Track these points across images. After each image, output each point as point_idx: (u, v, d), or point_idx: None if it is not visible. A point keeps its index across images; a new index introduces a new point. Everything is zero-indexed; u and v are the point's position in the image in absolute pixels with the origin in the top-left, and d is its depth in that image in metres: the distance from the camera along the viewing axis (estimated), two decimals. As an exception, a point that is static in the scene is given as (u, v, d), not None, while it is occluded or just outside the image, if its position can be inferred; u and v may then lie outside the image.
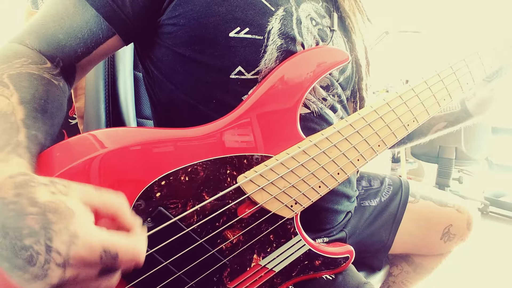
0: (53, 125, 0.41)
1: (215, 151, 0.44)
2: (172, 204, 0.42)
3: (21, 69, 0.39)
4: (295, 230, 0.50)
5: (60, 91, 0.44)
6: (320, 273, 0.54)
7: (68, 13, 0.45)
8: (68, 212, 0.28)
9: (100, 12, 0.46)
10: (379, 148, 0.54)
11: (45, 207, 0.28)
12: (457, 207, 0.79)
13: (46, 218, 0.27)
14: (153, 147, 0.41)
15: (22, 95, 0.37)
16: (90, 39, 0.46)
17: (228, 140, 0.45)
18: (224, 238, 0.45)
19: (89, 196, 0.31)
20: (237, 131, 0.46)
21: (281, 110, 0.48)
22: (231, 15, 0.47)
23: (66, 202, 0.29)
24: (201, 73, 0.50)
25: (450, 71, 0.60)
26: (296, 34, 0.51)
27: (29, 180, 0.29)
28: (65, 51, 0.46)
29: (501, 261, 1.85)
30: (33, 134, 0.36)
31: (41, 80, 0.41)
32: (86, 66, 0.50)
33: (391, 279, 0.91)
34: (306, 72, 0.49)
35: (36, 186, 0.29)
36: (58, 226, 0.27)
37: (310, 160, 0.48)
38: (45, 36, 0.45)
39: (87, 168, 0.38)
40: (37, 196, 0.28)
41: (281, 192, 0.47)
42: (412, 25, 2.64)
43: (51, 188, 0.29)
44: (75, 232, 0.28)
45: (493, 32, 0.69)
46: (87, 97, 0.71)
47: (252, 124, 0.46)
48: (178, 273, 0.42)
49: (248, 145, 0.46)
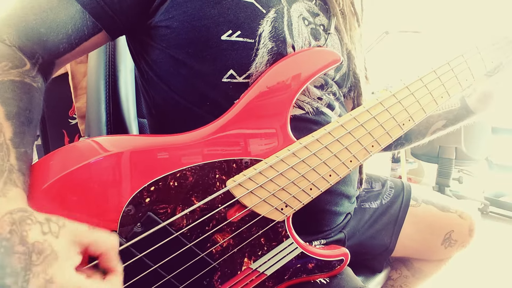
0: (35, 132, 0.41)
1: (205, 156, 0.44)
2: (162, 209, 0.42)
3: (3, 77, 0.38)
4: (286, 233, 0.50)
5: (39, 93, 0.43)
6: (314, 276, 0.54)
7: (52, 7, 0.43)
8: (51, 256, 0.29)
9: (86, 8, 0.44)
10: (373, 148, 0.53)
11: (33, 247, 0.28)
12: (459, 212, 0.78)
13: (29, 259, 0.28)
14: (142, 153, 0.42)
15: (7, 109, 0.36)
16: (74, 35, 0.44)
17: (217, 145, 0.45)
18: (214, 242, 0.45)
19: (81, 236, 0.32)
20: (227, 136, 0.46)
21: (271, 113, 0.48)
22: (223, 18, 0.47)
23: (53, 244, 0.29)
24: (194, 76, 0.50)
25: (447, 67, 0.59)
26: (287, 36, 0.51)
27: (27, 218, 0.30)
28: (46, 47, 0.43)
29: (501, 261, 1.84)
30: (22, 152, 0.36)
31: (23, 88, 0.40)
32: (66, 61, 0.48)
33: (390, 283, 0.90)
34: (295, 75, 0.49)
35: (31, 224, 0.29)
36: (37, 269, 0.28)
37: (301, 163, 0.48)
38: (25, 30, 0.42)
39: (77, 176, 0.38)
40: (28, 235, 0.29)
41: (270, 196, 0.47)
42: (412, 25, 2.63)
43: (44, 228, 0.30)
44: (52, 277, 0.28)
45: (492, 28, 0.69)
46: (88, 97, 0.71)
47: (242, 128, 0.46)
48: (167, 276, 0.42)
49: (238, 149, 0.46)
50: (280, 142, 0.48)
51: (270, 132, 0.48)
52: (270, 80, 0.48)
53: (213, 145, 0.45)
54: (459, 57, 0.60)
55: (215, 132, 0.46)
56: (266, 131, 0.47)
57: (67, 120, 0.84)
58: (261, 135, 0.47)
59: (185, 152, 0.44)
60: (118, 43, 0.71)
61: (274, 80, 0.48)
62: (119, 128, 0.71)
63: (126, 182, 0.41)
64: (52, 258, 0.29)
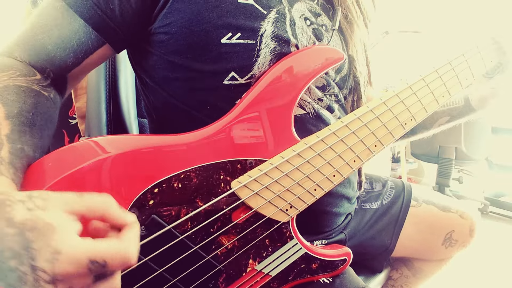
0: (43, 137, 0.41)
1: (208, 156, 0.44)
2: (166, 212, 0.41)
3: (8, 82, 0.39)
4: (291, 234, 0.49)
5: (51, 102, 0.43)
6: (317, 276, 0.54)
7: (56, 24, 0.45)
8: (47, 228, 0.27)
9: (88, 22, 0.45)
10: (376, 148, 0.53)
11: (23, 226, 0.27)
12: (460, 212, 0.78)
13: (25, 237, 0.26)
14: (145, 154, 0.41)
15: (8, 109, 0.37)
16: (80, 49, 0.46)
17: (220, 145, 0.45)
18: (219, 244, 0.44)
19: (71, 204, 0.30)
20: (230, 136, 0.45)
21: (274, 112, 0.47)
22: (222, 21, 0.46)
23: (44, 217, 0.28)
24: (193, 80, 0.50)
25: (448, 67, 0.59)
26: (290, 36, 0.50)
27: (5, 199, 0.28)
28: (54, 62, 0.45)
29: (501, 261, 1.84)
30: (18, 148, 0.36)
31: (29, 93, 0.40)
32: (78, 75, 0.49)
33: (390, 283, 0.90)
34: (299, 73, 0.48)
35: (12, 205, 0.28)
36: (38, 244, 0.27)
37: (305, 163, 0.48)
38: (34, 48, 0.44)
39: (78, 177, 0.38)
40: (13, 216, 0.27)
41: (276, 197, 0.46)
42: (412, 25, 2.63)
43: (28, 205, 0.28)
44: (57, 248, 0.27)
45: (492, 27, 0.69)
46: (89, 97, 0.71)
47: (245, 128, 0.46)
48: (173, 280, 0.42)
49: (242, 149, 0.46)
50: (284, 142, 0.48)
51: (274, 131, 0.47)
52: (273, 78, 0.48)
53: (216, 145, 0.45)
54: (460, 57, 0.61)
55: (218, 132, 0.45)
56: (270, 131, 0.47)
57: (67, 120, 0.83)
58: (265, 135, 0.47)
59: (189, 153, 0.43)
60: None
61: (277, 79, 0.48)
62: (119, 128, 0.70)
63: (129, 183, 0.40)
64: (48, 230, 0.27)
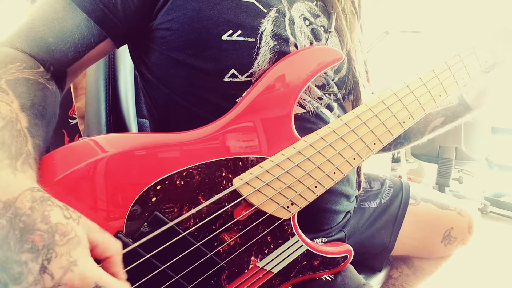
0: (49, 131, 0.41)
1: (210, 154, 0.44)
2: (168, 209, 0.42)
3: (18, 75, 0.39)
4: (292, 231, 0.50)
5: (54, 96, 0.44)
6: (319, 273, 0.54)
7: (58, 17, 0.44)
8: (76, 240, 0.29)
9: (91, 16, 0.45)
10: (375, 146, 0.54)
11: (56, 227, 0.28)
12: (458, 210, 0.78)
13: (52, 238, 0.28)
14: (147, 152, 0.42)
15: (22, 102, 0.37)
16: (81, 43, 0.46)
17: (222, 142, 0.45)
18: (221, 241, 0.45)
19: (94, 232, 0.32)
20: (232, 134, 0.46)
21: (275, 111, 0.48)
22: (223, 18, 0.47)
23: (76, 229, 0.30)
24: (194, 77, 0.50)
25: (444, 66, 0.60)
26: (289, 35, 0.51)
27: (47, 199, 0.30)
28: (55, 56, 0.44)
29: (501, 261, 1.84)
30: (37, 144, 0.36)
31: (37, 86, 0.40)
32: (77, 70, 0.49)
33: (391, 282, 0.90)
34: (299, 72, 0.49)
35: (52, 206, 0.29)
36: (61, 250, 0.28)
37: (306, 161, 0.48)
38: (34, 40, 0.43)
39: (82, 174, 0.38)
40: (50, 215, 0.29)
41: (277, 194, 0.47)
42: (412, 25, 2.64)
43: (66, 213, 0.30)
44: (75, 260, 0.28)
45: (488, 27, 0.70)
46: (88, 97, 0.71)
47: (247, 126, 0.47)
48: (175, 277, 0.42)
49: (244, 147, 0.46)
50: (285, 140, 0.48)
51: (274, 129, 0.48)
52: (274, 77, 0.48)
53: (218, 143, 0.45)
54: (456, 57, 0.62)
55: (220, 130, 0.45)
56: (271, 128, 0.47)
57: (67, 120, 0.84)
58: (266, 133, 0.47)
59: (191, 151, 0.44)
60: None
61: (278, 78, 0.48)
62: (118, 128, 0.70)
63: (131, 181, 0.40)
64: (76, 242, 0.29)
